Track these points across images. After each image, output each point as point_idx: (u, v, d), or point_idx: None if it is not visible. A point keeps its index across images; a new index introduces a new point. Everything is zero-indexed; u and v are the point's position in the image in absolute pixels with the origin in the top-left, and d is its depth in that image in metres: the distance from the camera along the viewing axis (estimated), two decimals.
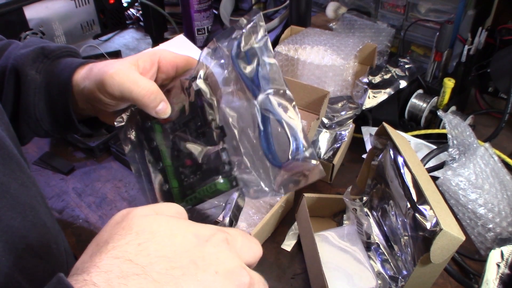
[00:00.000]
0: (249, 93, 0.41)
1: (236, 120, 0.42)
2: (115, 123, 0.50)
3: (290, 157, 0.39)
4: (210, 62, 0.45)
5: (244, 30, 0.42)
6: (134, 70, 0.47)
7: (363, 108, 0.83)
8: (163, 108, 0.46)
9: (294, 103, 0.40)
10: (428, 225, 0.54)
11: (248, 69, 0.41)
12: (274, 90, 0.40)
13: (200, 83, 0.45)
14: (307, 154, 0.39)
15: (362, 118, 0.88)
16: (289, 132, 0.39)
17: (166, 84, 0.51)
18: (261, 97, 0.40)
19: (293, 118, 0.39)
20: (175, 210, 0.35)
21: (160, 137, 0.48)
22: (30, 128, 0.53)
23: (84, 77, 0.50)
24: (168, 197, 0.46)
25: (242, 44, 0.41)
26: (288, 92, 0.40)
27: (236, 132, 0.42)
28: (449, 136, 0.68)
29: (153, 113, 0.46)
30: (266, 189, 0.41)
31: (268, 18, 1.24)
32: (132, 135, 0.50)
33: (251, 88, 0.41)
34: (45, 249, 0.43)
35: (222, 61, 0.44)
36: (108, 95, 0.47)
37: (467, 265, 0.65)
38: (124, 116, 0.51)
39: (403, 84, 0.85)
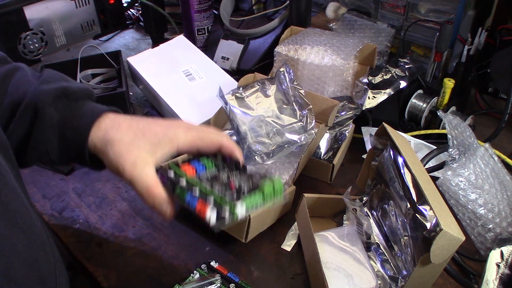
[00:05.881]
0: None
1: None
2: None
3: None
4: None
5: None
6: (150, 167, 0.48)
7: (363, 108, 0.83)
8: (164, 213, 0.48)
9: None
10: (428, 225, 0.54)
11: None
12: None
13: None
14: None
15: (362, 119, 0.88)
16: None
17: None
18: None
19: None
20: None
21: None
22: (36, 157, 0.53)
23: (100, 143, 0.51)
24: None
25: None
26: None
27: None
28: (449, 136, 0.68)
29: (156, 212, 0.49)
30: None
31: (268, 18, 1.24)
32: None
33: None
34: (34, 257, 0.42)
35: None
36: (119, 175, 0.49)
37: (467, 265, 0.65)
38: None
39: (403, 84, 0.85)
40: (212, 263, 0.65)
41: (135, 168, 0.47)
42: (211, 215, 0.44)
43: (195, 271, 0.64)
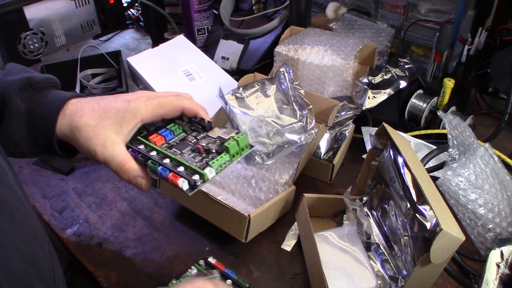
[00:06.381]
0: None
1: None
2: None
3: None
4: None
5: None
6: (120, 145, 0.51)
7: (363, 108, 0.83)
8: (139, 185, 0.52)
9: None
10: (428, 225, 0.54)
11: None
12: None
13: None
14: None
15: (362, 119, 0.88)
16: None
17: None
18: None
19: None
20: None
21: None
22: (6, 150, 0.54)
23: (68, 131, 0.52)
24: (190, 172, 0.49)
25: None
26: None
27: None
28: (449, 136, 0.68)
29: (133, 185, 0.52)
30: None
31: (268, 18, 1.24)
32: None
33: None
34: (33, 253, 0.43)
35: None
36: (93, 159, 0.52)
37: (467, 265, 0.65)
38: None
39: (403, 84, 0.85)
40: (210, 259, 0.65)
41: (105, 149, 0.50)
42: (183, 184, 0.47)
43: (192, 266, 0.63)
